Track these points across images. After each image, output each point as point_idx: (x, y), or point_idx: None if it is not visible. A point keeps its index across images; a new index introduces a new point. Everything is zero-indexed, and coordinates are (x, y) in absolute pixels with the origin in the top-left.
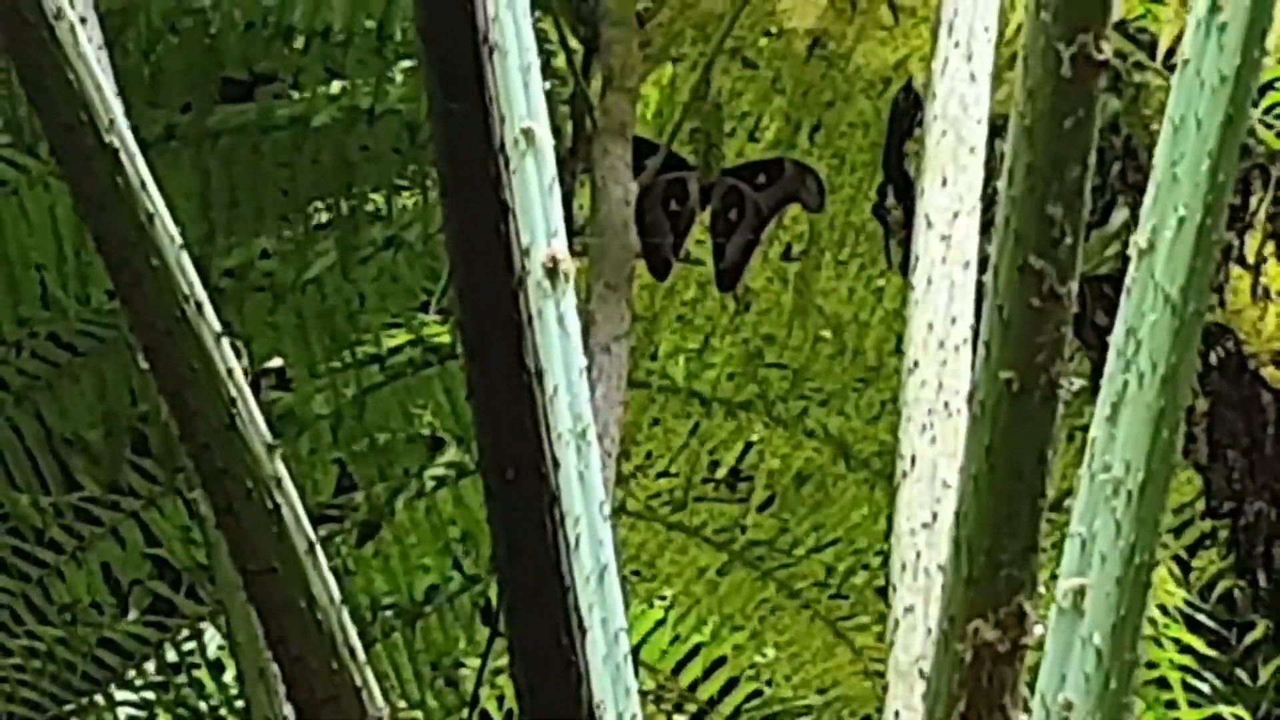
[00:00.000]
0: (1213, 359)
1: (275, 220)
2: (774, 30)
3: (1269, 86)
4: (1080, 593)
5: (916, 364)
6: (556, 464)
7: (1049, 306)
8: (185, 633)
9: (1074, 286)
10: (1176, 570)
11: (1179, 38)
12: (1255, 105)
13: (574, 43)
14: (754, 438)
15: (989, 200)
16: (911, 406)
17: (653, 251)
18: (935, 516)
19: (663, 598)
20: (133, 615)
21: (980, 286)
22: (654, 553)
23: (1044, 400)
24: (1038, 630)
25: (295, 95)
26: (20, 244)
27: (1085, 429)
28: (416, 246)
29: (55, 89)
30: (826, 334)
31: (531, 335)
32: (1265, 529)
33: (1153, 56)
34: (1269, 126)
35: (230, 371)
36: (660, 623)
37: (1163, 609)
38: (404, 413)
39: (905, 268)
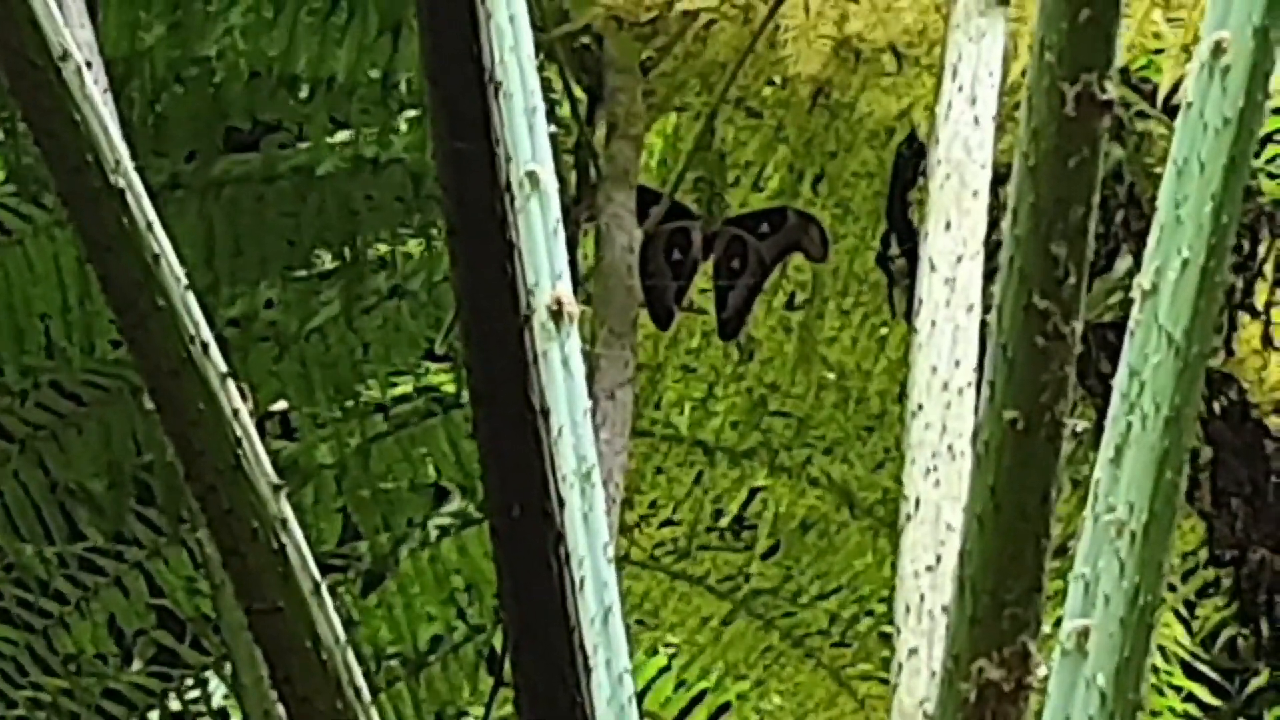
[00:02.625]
0: (1216, 407)
1: (279, 269)
2: (778, 80)
3: (1269, 139)
4: (1084, 634)
5: (920, 407)
6: (561, 502)
7: (1053, 346)
8: (189, 683)
9: (1078, 326)
10: (1183, 612)
11: (1179, 83)
12: (1257, 155)
13: (578, 92)
14: (758, 486)
15: (991, 249)
16: (915, 450)
17: (656, 300)
18: (939, 559)
19: (668, 645)
20: (137, 665)
21: (984, 328)
22: (658, 602)
23: (1048, 440)
24: (1041, 671)
25: (300, 145)
26: (25, 293)
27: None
28: (420, 296)
29: (61, 130)
30: (830, 376)
31: (537, 374)
32: (1268, 577)
33: (1155, 105)
34: (1272, 176)
35: (236, 412)
36: (664, 670)
37: (1164, 655)
38: (408, 462)
39: (909, 316)
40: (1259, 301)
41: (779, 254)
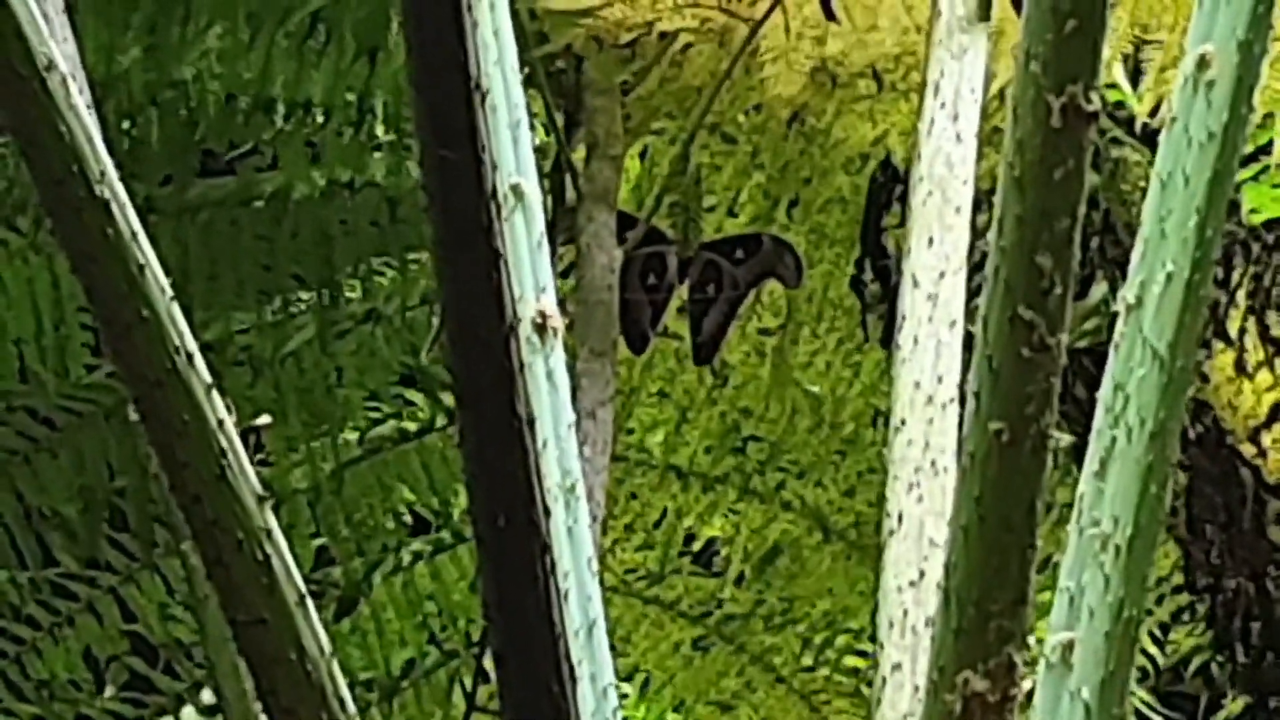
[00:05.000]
0: (1191, 434)
1: (254, 294)
2: (753, 105)
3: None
4: (1069, 647)
5: (903, 422)
6: (547, 512)
7: (1039, 357)
8: (163, 710)
9: (1064, 337)
10: (1158, 634)
11: (1155, 108)
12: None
13: (556, 116)
14: (731, 511)
15: (973, 265)
16: (898, 465)
17: (631, 325)
18: (922, 575)
19: (633, 673)
20: (110, 692)
21: (967, 343)
22: (630, 627)
23: (1033, 451)
24: (1026, 685)
25: (275, 168)
26: None
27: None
28: (395, 321)
29: (46, 141)
30: (807, 393)
31: (523, 382)
32: (1243, 605)
33: (1130, 132)
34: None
35: (221, 423)
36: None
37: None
38: (382, 488)
39: (883, 341)
40: (1232, 329)
41: (754, 279)
